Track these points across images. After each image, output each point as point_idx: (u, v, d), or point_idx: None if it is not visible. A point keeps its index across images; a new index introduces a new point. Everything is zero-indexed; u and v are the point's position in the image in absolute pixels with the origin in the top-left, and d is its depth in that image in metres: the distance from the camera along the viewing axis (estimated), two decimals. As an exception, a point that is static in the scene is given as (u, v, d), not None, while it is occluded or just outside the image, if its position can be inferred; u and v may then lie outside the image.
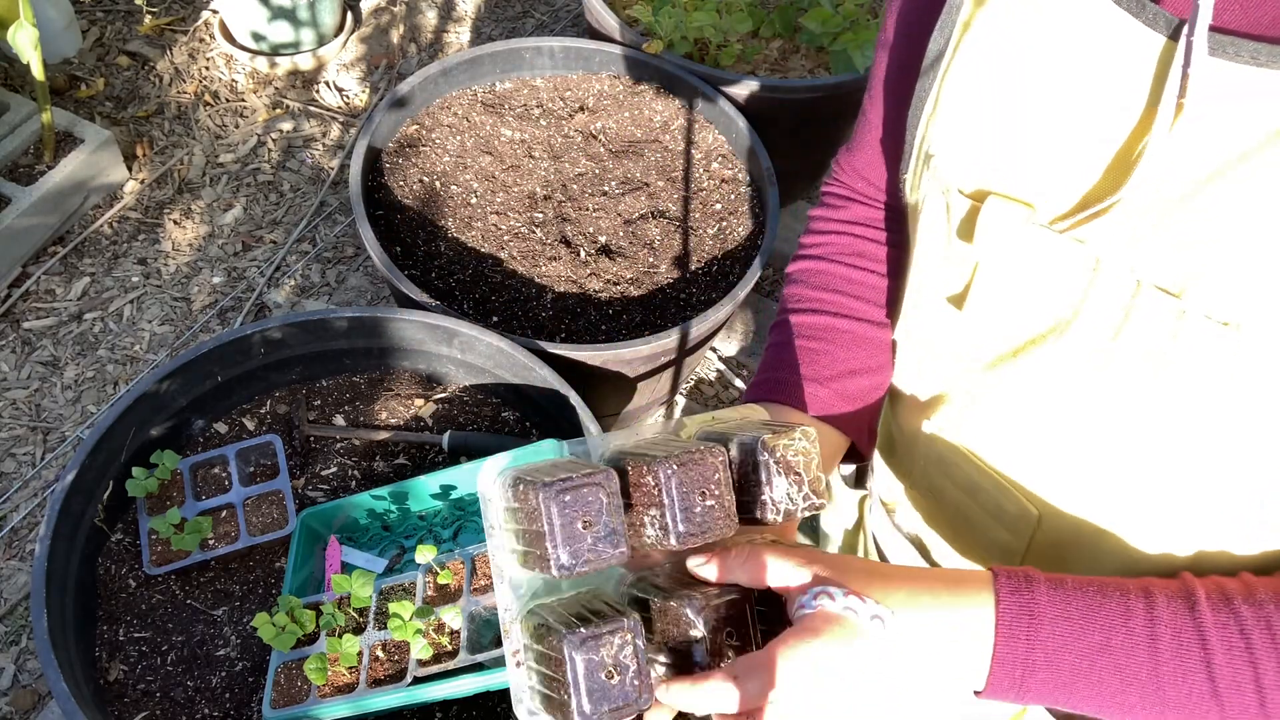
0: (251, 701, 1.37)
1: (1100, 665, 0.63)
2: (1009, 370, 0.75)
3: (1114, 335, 0.67)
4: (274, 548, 1.51)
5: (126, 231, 2.50)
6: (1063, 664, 0.63)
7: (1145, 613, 0.63)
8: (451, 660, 1.26)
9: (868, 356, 0.93)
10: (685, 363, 1.94)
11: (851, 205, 0.98)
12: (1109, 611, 0.63)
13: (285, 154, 2.68)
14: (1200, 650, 0.62)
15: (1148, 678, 0.63)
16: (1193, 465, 0.68)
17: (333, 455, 1.62)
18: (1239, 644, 0.61)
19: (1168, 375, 0.65)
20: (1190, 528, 0.72)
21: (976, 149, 0.72)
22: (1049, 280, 0.69)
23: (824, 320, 0.93)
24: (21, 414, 2.20)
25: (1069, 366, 0.71)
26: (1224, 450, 0.66)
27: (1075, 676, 0.63)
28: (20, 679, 1.88)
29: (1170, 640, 0.62)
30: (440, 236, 1.90)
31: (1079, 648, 0.63)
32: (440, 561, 1.35)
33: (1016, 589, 0.64)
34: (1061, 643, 0.63)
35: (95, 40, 2.85)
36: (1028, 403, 0.75)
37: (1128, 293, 0.65)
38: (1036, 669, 0.64)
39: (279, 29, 2.74)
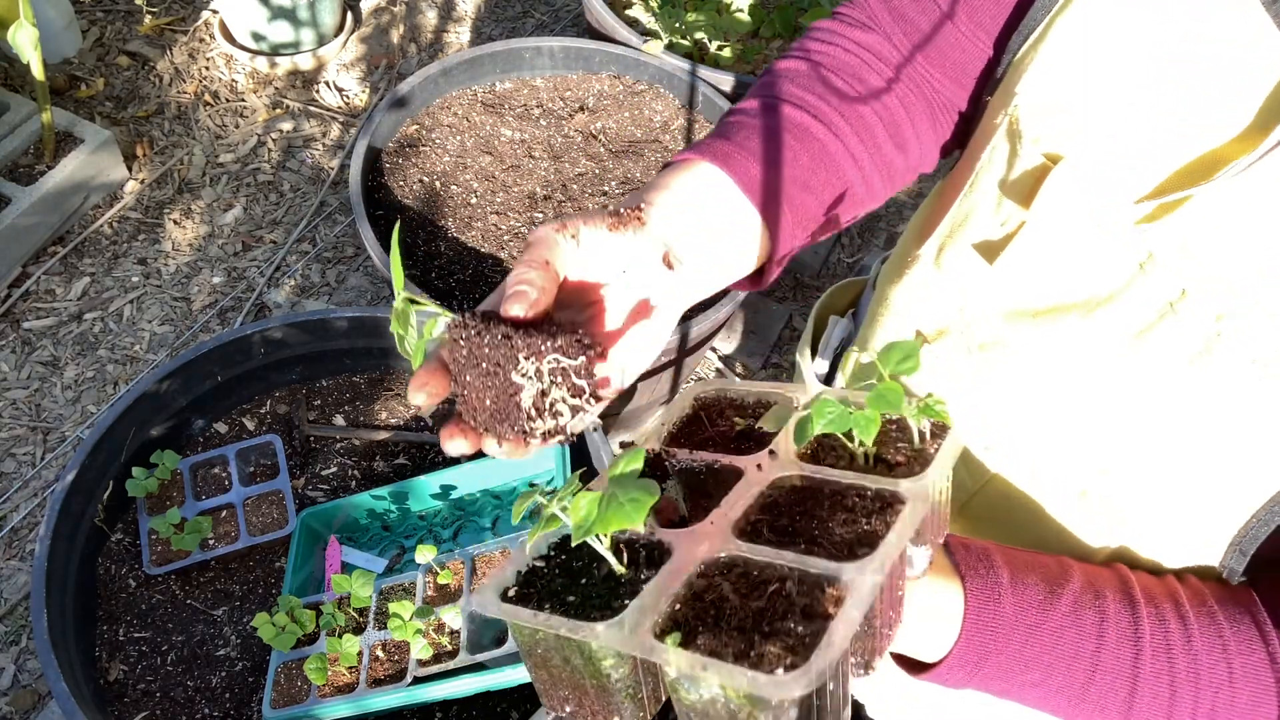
0: (251, 701, 1.37)
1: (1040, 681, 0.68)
2: (1020, 329, 0.73)
3: (1139, 333, 0.66)
4: (274, 548, 1.51)
5: (126, 231, 2.49)
6: (1010, 676, 0.68)
7: (1090, 660, 0.67)
8: (451, 660, 1.26)
9: (830, 179, 0.81)
10: (685, 363, 1.93)
11: (870, 34, 0.85)
12: (1058, 654, 0.67)
13: (285, 154, 2.68)
14: (1126, 698, 0.67)
15: (1077, 699, 0.69)
16: (1164, 479, 0.68)
17: (333, 455, 1.62)
18: (1164, 694, 0.67)
19: (1179, 389, 0.65)
20: (1132, 533, 0.73)
21: (1065, 107, 0.68)
22: (1094, 261, 0.67)
23: (801, 119, 0.80)
24: (21, 414, 2.20)
25: (1081, 346, 0.69)
26: (1202, 473, 0.66)
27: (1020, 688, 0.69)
28: (20, 679, 1.88)
29: (1099, 690, 0.67)
30: (440, 236, 1.90)
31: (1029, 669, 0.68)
32: (440, 561, 1.35)
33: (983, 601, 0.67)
34: (1001, 672, 0.68)
35: (95, 40, 2.85)
36: (1024, 367, 0.74)
37: (1168, 298, 0.63)
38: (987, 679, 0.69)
39: (279, 29, 2.74)
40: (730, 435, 0.73)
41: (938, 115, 0.86)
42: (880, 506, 0.61)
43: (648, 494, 0.57)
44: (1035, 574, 0.69)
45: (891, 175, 0.85)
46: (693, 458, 0.70)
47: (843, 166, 0.81)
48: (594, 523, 0.56)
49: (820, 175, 0.80)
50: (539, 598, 0.60)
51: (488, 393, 0.61)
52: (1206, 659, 0.66)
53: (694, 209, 0.73)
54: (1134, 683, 0.67)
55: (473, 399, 0.62)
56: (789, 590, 0.56)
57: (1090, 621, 0.68)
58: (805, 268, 2.53)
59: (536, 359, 0.60)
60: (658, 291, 0.70)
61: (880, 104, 0.83)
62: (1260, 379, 0.60)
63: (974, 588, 0.67)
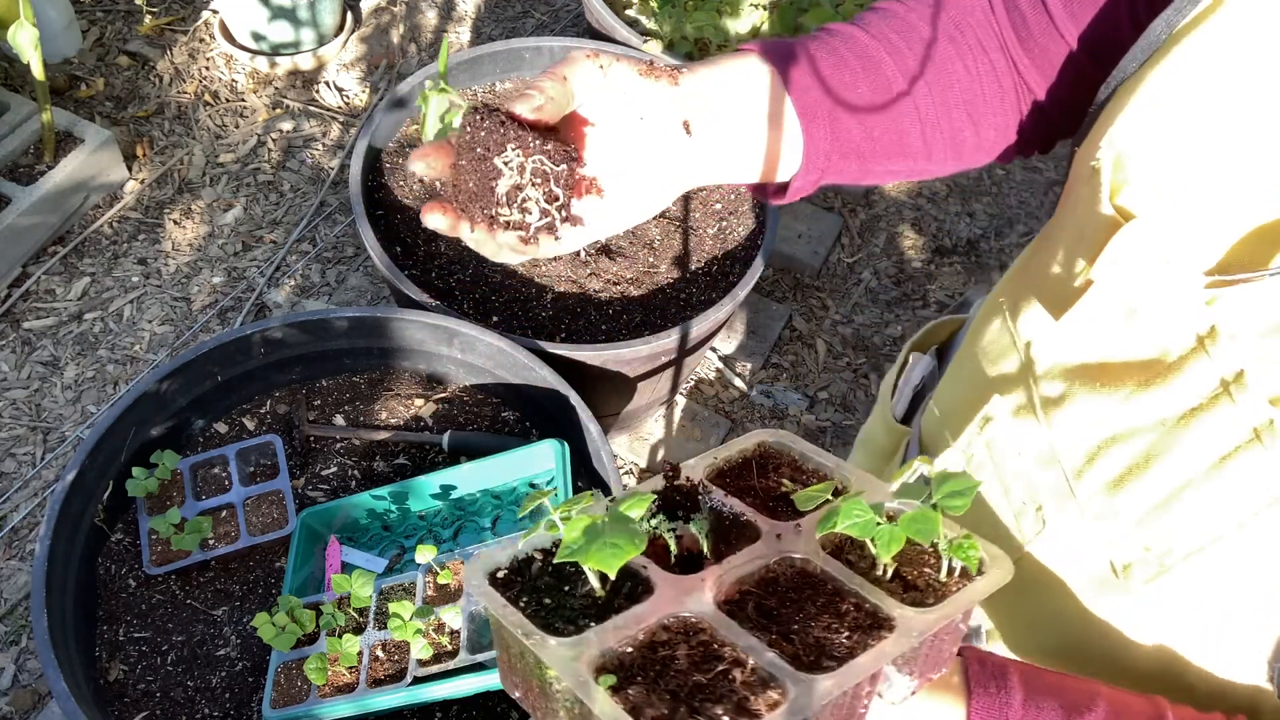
0: (251, 701, 1.37)
1: None
2: (1080, 391, 0.71)
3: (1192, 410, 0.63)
4: (274, 548, 1.51)
5: (126, 231, 2.50)
6: None
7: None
8: (451, 660, 1.26)
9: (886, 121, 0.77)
10: (685, 363, 1.93)
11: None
12: None
13: (285, 154, 2.68)
14: None
15: None
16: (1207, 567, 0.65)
17: (333, 455, 1.62)
18: None
19: (1229, 475, 0.62)
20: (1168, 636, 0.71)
21: (1147, 163, 0.64)
22: (1157, 329, 0.64)
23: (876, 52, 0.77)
24: (21, 414, 2.20)
25: (1136, 417, 0.66)
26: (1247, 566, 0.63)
27: None
28: (20, 679, 1.88)
29: None
30: (440, 237, 1.90)
31: None
32: (440, 561, 1.35)
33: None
34: None
35: (95, 40, 2.85)
36: (1080, 430, 0.71)
37: (1223, 375, 0.61)
38: None
39: (279, 29, 2.74)
40: (774, 493, 0.71)
41: (1021, 99, 0.81)
42: (870, 624, 0.59)
43: (632, 546, 0.57)
44: (1053, 699, 0.66)
45: (958, 145, 0.81)
46: (725, 501, 0.69)
47: (902, 111, 0.77)
48: (578, 552, 0.57)
49: (877, 116, 0.76)
50: (521, 588, 0.62)
51: (473, 175, 0.65)
52: None
53: (732, 89, 0.72)
54: None
55: (460, 179, 0.66)
56: (734, 676, 0.55)
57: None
58: (805, 268, 2.53)
59: (523, 153, 0.63)
60: (669, 154, 0.69)
61: (963, 65, 0.79)
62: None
63: (979, 706, 0.65)
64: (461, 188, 0.66)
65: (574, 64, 0.67)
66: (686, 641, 0.57)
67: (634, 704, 0.53)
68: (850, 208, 2.70)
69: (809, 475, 0.74)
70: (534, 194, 0.64)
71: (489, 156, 0.64)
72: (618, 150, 0.68)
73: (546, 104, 0.64)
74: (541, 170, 0.64)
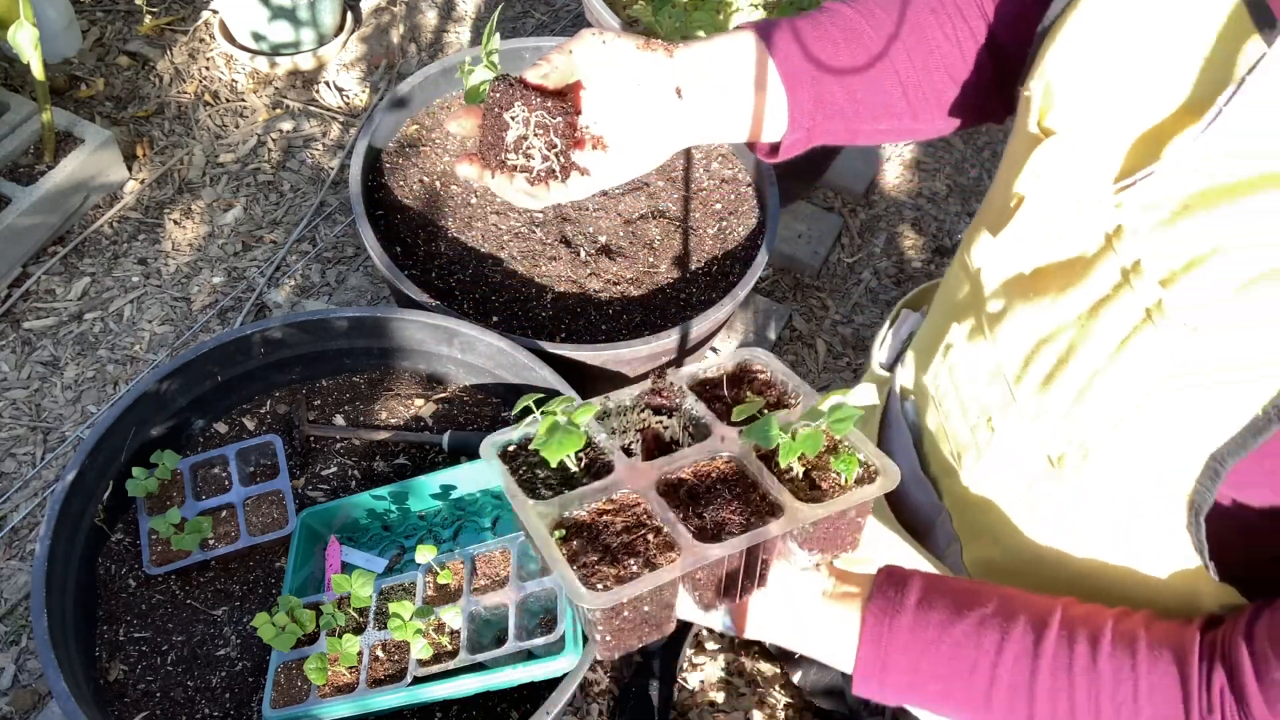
0: (251, 701, 1.37)
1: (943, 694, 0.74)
2: (1015, 300, 0.78)
3: (1100, 301, 0.69)
4: (274, 548, 1.51)
5: (126, 231, 2.50)
6: (915, 688, 0.75)
7: (988, 674, 0.72)
8: (451, 660, 1.26)
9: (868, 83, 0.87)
10: (684, 362, 1.93)
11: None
12: (954, 667, 0.73)
13: (285, 154, 2.68)
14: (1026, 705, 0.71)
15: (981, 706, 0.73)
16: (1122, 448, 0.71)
17: (333, 455, 1.62)
18: (1062, 708, 0.69)
19: (1130, 358, 0.67)
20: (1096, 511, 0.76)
21: (1066, 86, 0.73)
22: (1076, 234, 0.72)
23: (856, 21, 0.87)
24: (21, 414, 2.20)
25: (1059, 316, 0.73)
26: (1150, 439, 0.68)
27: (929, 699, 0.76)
28: (20, 679, 1.88)
29: (1002, 695, 0.72)
30: (440, 236, 1.90)
31: (930, 682, 0.74)
32: (440, 561, 1.35)
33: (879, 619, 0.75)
34: (907, 684, 0.75)
35: (95, 40, 2.85)
36: (1015, 338, 0.78)
37: (1123, 265, 0.67)
38: (887, 695, 0.77)
39: (279, 29, 2.74)
40: (739, 402, 0.85)
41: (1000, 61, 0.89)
42: (768, 512, 0.76)
43: (572, 443, 0.77)
44: (948, 597, 0.75)
45: (943, 105, 0.91)
46: (695, 406, 0.86)
47: (883, 73, 0.88)
48: (540, 443, 0.78)
49: (858, 78, 0.87)
50: (522, 460, 0.82)
51: (491, 129, 0.81)
52: (1110, 678, 0.68)
53: (722, 59, 0.85)
54: (1031, 697, 0.70)
55: (484, 135, 0.82)
56: (649, 539, 0.75)
57: (990, 640, 0.72)
58: (805, 268, 2.53)
59: (527, 108, 0.79)
60: (663, 115, 0.83)
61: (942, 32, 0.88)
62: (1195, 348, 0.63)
63: (873, 608, 0.76)
64: (483, 141, 0.82)
65: (579, 39, 0.82)
66: (624, 512, 0.77)
67: (573, 552, 0.74)
68: (850, 208, 2.70)
69: (771, 389, 0.89)
70: (536, 143, 0.79)
71: (501, 112, 0.79)
72: (618, 111, 0.82)
73: (552, 72, 0.80)
74: (543, 123, 0.79)
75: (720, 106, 0.85)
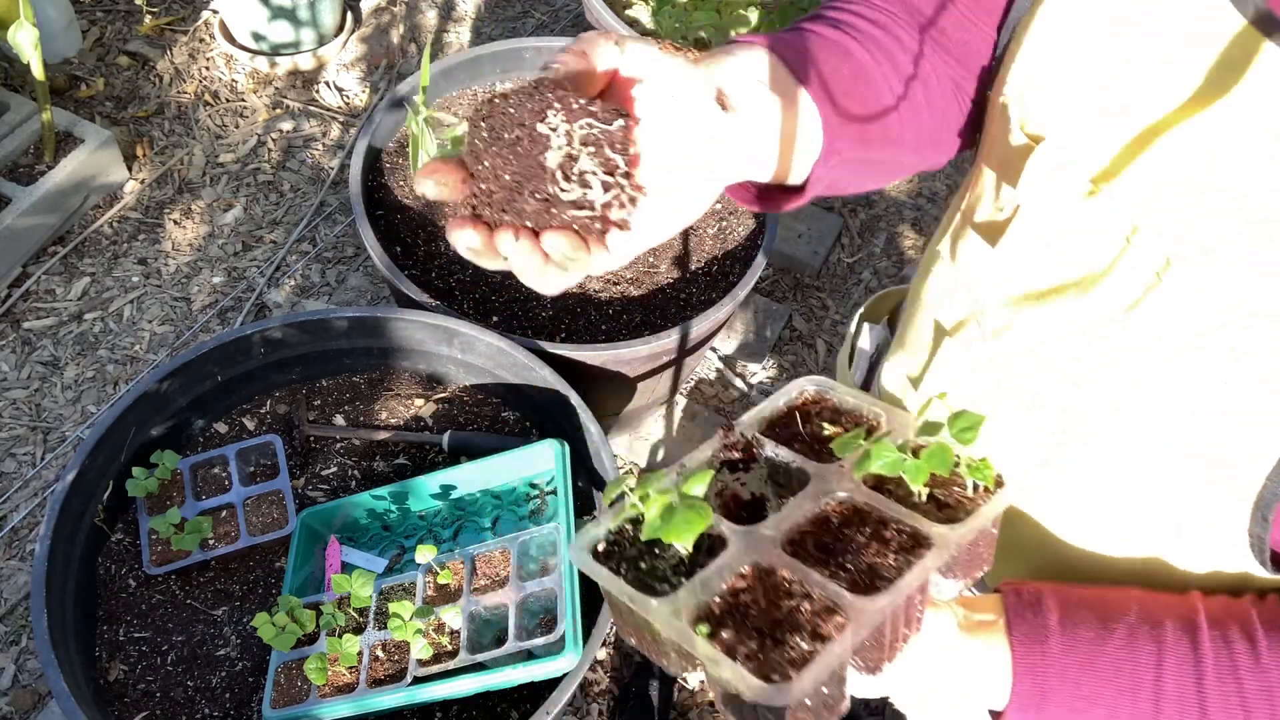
0: (251, 701, 1.37)
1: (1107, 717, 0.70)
2: (1025, 312, 0.75)
3: (1131, 306, 0.67)
4: (274, 548, 1.51)
5: (126, 231, 2.50)
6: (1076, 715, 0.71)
7: (1152, 689, 0.68)
8: (451, 660, 1.26)
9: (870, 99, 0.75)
10: (685, 363, 1.93)
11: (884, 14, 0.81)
12: (1117, 686, 0.69)
13: (285, 154, 2.68)
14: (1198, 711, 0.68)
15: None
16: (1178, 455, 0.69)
17: (333, 455, 1.62)
18: (1236, 713, 0.67)
19: (1171, 362, 0.66)
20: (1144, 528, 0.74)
21: (1044, 88, 0.71)
22: (1086, 237, 0.69)
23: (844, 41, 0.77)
24: (21, 414, 2.20)
25: (1082, 325, 0.71)
26: (1209, 444, 0.67)
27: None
28: (20, 679, 1.88)
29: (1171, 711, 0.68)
30: (440, 236, 1.90)
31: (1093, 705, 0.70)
32: (440, 561, 1.35)
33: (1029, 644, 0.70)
34: (1068, 711, 0.70)
35: (95, 40, 2.85)
36: (1033, 350, 0.76)
37: (1155, 268, 0.65)
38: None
39: (279, 29, 2.74)
40: (818, 437, 0.80)
41: (959, 93, 0.84)
42: (912, 544, 0.69)
43: (700, 520, 0.67)
44: (1088, 610, 0.71)
45: (920, 131, 0.81)
46: (777, 451, 0.79)
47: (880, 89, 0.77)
48: (659, 529, 0.67)
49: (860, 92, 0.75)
50: (619, 559, 0.72)
51: (509, 163, 0.54)
52: (1276, 671, 0.67)
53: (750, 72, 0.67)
54: (1202, 707, 0.68)
55: (490, 178, 0.55)
56: (804, 609, 0.65)
57: (1147, 652, 0.69)
58: (805, 267, 2.53)
59: (568, 117, 0.53)
60: (707, 133, 0.61)
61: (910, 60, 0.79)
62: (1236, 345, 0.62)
63: (1020, 634, 0.71)
64: (497, 186, 0.55)
65: (591, 42, 0.59)
66: (761, 584, 0.67)
67: (728, 645, 0.63)
68: (850, 208, 2.70)
69: (845, 416, 0.84)
70: (590, 164, 0.53)
71: (531, 126, 0.53)
72: (652, 135, 0.57)
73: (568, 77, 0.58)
74: (592, 135, 0.53)
75: (763, 125, 0.67)
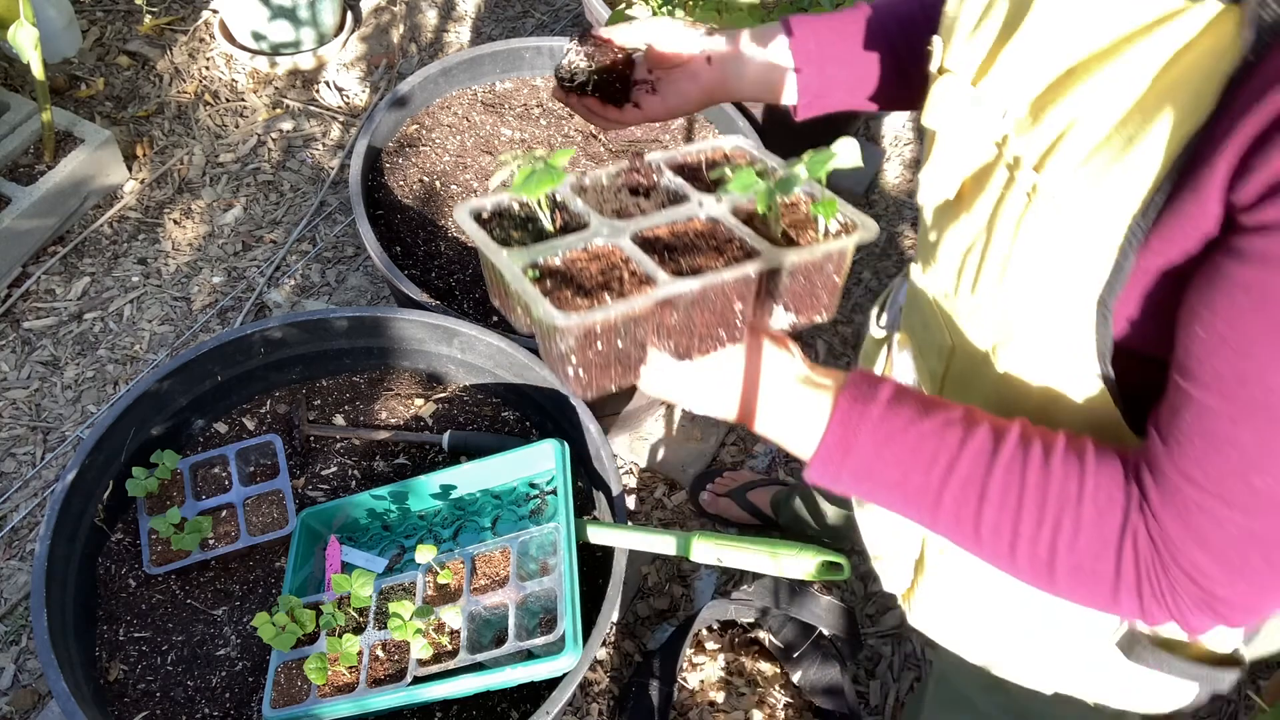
0: (251, 701, 1.37)
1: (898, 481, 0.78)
2: (944, 221, 0.87)
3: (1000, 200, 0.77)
4: (274, 548, 1.51)
5: (126, 231, 2.50)
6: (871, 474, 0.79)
7: (948, 459, 0.76)
8: (451, 660, 1.26)
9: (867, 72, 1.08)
10: (685, 362, 1.93)
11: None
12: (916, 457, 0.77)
13: (285, 154, 2.68)
14: (976, 501, 0.75)
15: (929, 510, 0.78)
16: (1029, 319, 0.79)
17: (333, 455, 1.62)
18: (1011, 501, 0.74)
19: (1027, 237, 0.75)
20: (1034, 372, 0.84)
21: (955, 25, 0.83)
22: (970, 152, 0.81)
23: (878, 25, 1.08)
24: (21, 414, 2.20)
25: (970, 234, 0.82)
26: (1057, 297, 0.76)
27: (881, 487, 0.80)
28: (20, 679, 1.88)
29: (956, 487, 0.76)
30: (440, 236, 1.90)
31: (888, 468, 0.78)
32: (440, 561, 1.36)
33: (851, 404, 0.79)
34: (865, 470, 0.79)
35: (95, 40, 2.85)
36: (948, 254, 0.86)
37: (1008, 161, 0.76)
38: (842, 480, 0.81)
39: (279, 28, 2.74)
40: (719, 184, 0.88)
41: None
42: (744, 258, 0.78)
43: (551, 180, 0.78)
44: (919, 400, 0.80)
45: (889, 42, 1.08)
46: (673, 180, 0.88)
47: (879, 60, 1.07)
48: (520, 187, 0.79)
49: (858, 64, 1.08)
50: (497, 224, 0.82)
51: None
52: (1060, 477, 0.73)
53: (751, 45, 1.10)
54: (983, 492, 0.75)
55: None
56: (623, 274, 0.76)
57: (955, 437, 0.76)
58: (805, 267, 2.53)
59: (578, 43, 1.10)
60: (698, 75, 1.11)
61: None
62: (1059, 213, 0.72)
63: (847, 395, 0.80)
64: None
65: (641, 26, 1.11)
66: (600, 260, 0.78)
67: (546, 288, 0.74)
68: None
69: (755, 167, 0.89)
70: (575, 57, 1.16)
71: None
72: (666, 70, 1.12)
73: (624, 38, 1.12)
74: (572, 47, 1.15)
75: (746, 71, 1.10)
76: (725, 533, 1.95)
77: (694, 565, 2.07)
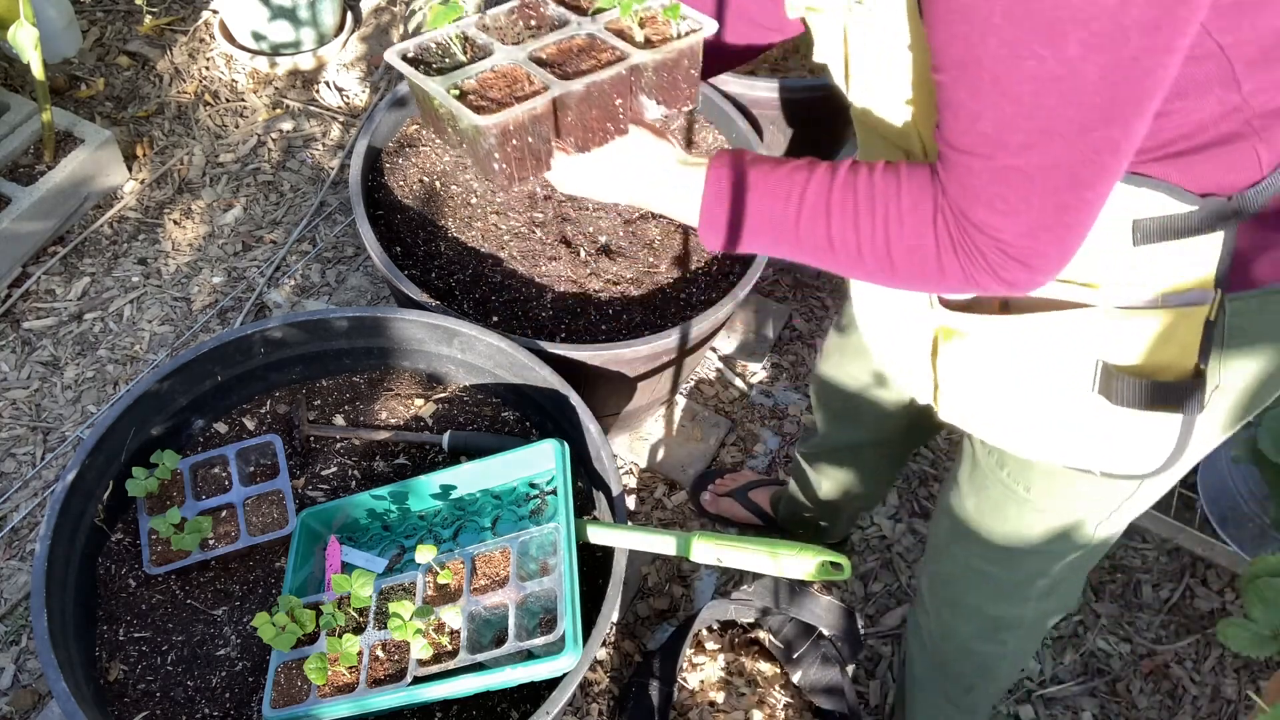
0: (251, 701, 1.37)
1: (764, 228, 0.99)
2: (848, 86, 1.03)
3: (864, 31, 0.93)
4: (274, 548, 1.51)
5: (126, 231, 2.50)
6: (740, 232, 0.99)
7: (799, 192, 0.95)
8: (451, 660, 1.26)
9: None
10: (685, 363, 1.93)
11: None
12: (774, 195, 0.97)
13: (285, 154, 2.68)
14: (824, 217, 0.94)
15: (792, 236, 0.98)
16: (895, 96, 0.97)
17: (333, 455, 1.62)
18: (849, 209, 0.93)
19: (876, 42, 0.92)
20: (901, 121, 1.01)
21: None
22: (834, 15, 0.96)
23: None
24: (21, 414, 2.20)
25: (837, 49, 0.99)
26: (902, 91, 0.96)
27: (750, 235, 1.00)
28: (20, 679, 1.88)
29: (807, 211, 0.95)
30: (440, 236, 1.90)
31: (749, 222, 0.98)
32: (440, 561, 1.36)
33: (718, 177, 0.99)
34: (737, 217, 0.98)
35: (95, 40, 2.85)
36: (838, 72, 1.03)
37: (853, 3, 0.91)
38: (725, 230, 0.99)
39: (279, 29, 2.74)
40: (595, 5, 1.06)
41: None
42: (615, 61, 0.99)
43: (455, 11, 1.00)
44: (770, 159, 0.98)
45: None
46: (554, 9, 1.07)
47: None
48: (431, 22, 1.00)
49: None
50: (422, 63, 1.00)
51: None
52: (881, 185, 0.91)
53: None
54: (828, 209, 0.94)
55: None
56: (525, 86, 0.96)
57: (801, 176, 0.96)
58: (805, 267, 2.53)
59: None
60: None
61: None
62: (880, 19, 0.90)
63: (716, 162, 0.99)
64: None
65: None
66: (505, 77, 0.98)
67: (470, 103, 0.94)
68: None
69: None
70: None
71: None
72: None
73: None
74: None
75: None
76: (725, 533, 1.95)
77: (694, 565, 2.07)
